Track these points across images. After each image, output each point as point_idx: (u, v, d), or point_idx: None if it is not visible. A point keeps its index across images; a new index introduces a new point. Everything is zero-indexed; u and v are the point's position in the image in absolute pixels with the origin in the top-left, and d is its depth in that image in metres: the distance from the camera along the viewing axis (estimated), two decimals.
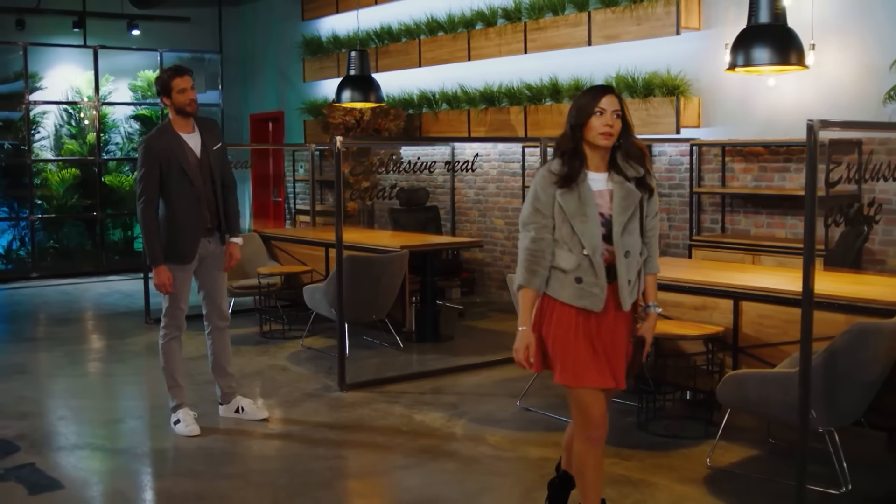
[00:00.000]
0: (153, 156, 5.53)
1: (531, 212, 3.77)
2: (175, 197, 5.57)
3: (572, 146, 3.74)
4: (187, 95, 5.60)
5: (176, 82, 5.59)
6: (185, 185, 5.57)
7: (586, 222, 3.67)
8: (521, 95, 9.99)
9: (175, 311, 5.71)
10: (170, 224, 5.59)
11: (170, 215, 5.59)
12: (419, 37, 11.21)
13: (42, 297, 11.32)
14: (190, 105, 5.62)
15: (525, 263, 3.76)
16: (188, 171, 5.58)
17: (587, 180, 3.72)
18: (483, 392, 6.62)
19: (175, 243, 5.59)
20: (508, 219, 10.55)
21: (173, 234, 5.59)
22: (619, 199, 3.73)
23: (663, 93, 8.55)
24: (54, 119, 13.53)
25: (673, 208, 8.83)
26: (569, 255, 3.70)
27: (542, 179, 3.75)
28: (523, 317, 3.79)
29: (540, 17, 9.69)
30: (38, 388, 6.93)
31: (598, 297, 3.69)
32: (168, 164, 5.54)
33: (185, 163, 5.58)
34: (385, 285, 7.68)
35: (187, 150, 5.62)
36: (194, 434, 5.64)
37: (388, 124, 10.91)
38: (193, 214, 5.62)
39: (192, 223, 5.62)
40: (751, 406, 4.86)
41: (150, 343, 8.47)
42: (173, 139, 5.60)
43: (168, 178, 5.54)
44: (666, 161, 8.88)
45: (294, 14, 13.58)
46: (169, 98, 5.62)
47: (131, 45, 13.87)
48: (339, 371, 6.69)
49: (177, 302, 5.69)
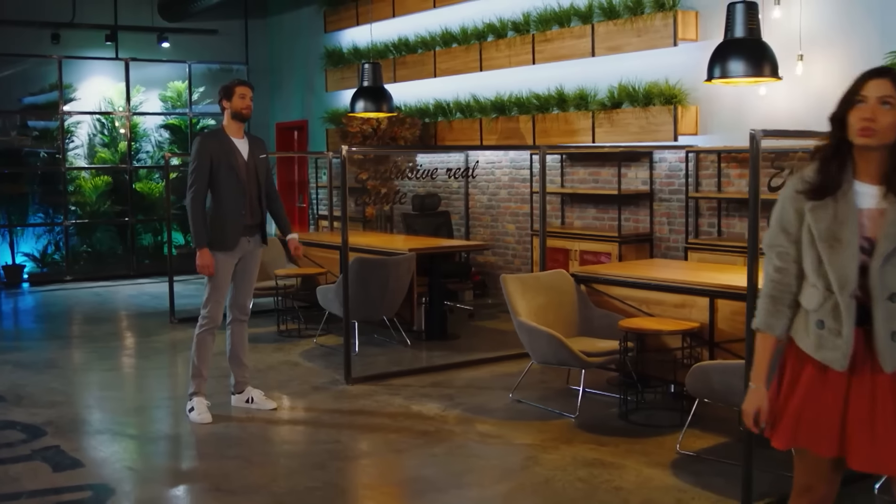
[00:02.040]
0: (206, 151, 6.10)
1: (776, 232, 3.05)
2: (223, 189, 6.13)
3: (833, 146, 2.94)
4: (246, 101, 6.21)
5: (239, 89, 6.21)
6: (232, 179, 6.13)
7: (839, 248, 2.84)
8: (530, 104, 10.39)
9: (214, 305, 6.19)
10: (216, 213, 6.14)
11: (216, 205, 6.14)
12: (434, 48, 11.65)
13: (75, 299, 11.86)
14: (247, 109, 6.22)
15: (766, 300, 3.04)
16: (236, 168, 6.15)
17: (851, 192, 2.89)
18: (480, 385, 7.02)
19: (220, 231, 6.12)
20: (519, 223, 10.94)
21: (219, 222, 6.13)
22: (891, 221, 2.83)
23: (662, 102, 8.91)
24: (88, 129, 14.11)
25: (672, 213, 9.18)
26: (812, 291, 2.93)
27: (790, 189, 3.02)
28: (757, 370, 3.05)
29: (547, 29, 10.09)
30: (67, 380, 7.42)
31: (840, 350, 2.84)
32: (219, 159, 6.11)
33: (234, 160, 6.15)
34: (393, 286, 8.10)
35: (236, 151, 6.20)
36: (206, 422, 6.08)
37: (403, 133, 11.36)
38: (238, 207, 6.15)
39: (235, 214, 6.15)
40: (716, 395, 5.23)
41: (175, 341, 8.96)
42: (225, 140, 6.19)
43: (218, 172, 6.10)
44: (666, 167, 9.23)
45: (317, 26, 14.09)
46: (229, 101, 6.19)
47: (161, 56, 14.43)
48: (345, 365, 7.11)
49: (217, 294, 6.18)
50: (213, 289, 6.18)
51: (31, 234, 13.79)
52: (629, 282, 6.52)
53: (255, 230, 6.29)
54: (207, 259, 6.05)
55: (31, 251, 13.71)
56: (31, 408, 6.50)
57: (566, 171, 10.31)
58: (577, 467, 5.12)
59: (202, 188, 6.10)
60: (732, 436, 5.62)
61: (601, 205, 9.93)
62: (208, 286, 6.20)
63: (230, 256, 6.17)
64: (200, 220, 6.08)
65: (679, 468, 5.11)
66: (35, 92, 13.78)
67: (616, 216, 9.49)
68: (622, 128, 9.30)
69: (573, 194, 10.17)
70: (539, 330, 6.12)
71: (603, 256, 9.31)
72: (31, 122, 13.84)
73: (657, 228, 9.35)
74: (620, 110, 9.34)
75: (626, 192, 9.36)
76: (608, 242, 9.27)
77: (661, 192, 9.31)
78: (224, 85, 6.32)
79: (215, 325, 6.23)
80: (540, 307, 6.57)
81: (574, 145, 9.77)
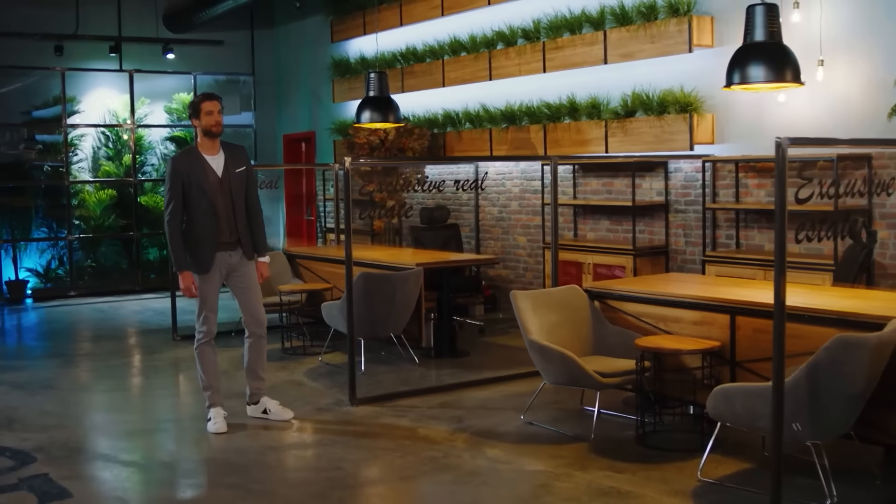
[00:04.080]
0: (177, 172, 6.11)
1: None
2: (194, 211, 6.14)
3: None
4: (214, 118, 6.15)
5: (205, 105, 6.17)
6: (203, 200, 6.11)
7: None
8: (541, 114, 10.13)
9: (205, 318, 6.23)
10: (189, 235, 6.16)
11: (189, 227, 6.16)
12: (443, 57, 11.40)
13: (78, 315, 11.63)
14: (216, 126, 6.16)
15: None
16: (206, 189, 6.12)
17: None
18: (490, 406, 6.73)
19: (194, 253, 6.15)
20: (530, 236, 10.67)
21: (192, 244, 6.15)
22: None
23: (677, 110, 8.64)
24: (92, 141, 13.89)
25: (688, 224, 8.89)
26: None
27: None
28: None
29: (558, 36, 9.83)
30: (62, 402, 7.16)
31: None
32: (189, 181, 6.09)
33: (204, 181, 6.12)
34: (400, 302, 7.83)
35: (208, 169, 6.16)
36: (221, 431, 6.10)
37: (411, 143, 11.10)
38: (209, 228, 6.14)
39: (207, 236, 6.14)
40: (739, 419, 4.93)
41: (177, 359, 8.71)
42: (196, 159, 6.16)
43: (189, 193, 6.10)
44: (681, 177, 8.94)
45: (324, 36, 13.85)
46: (198, 119, 6.17)
47: (166, 68, 14.21)
48: (350, 386, 6.84)
49: (205, 308, 6.21)
50: (200, 304, 6.23)
51: (34, 248, 13.58)
52: (645, 298, 6.23)
53: (235, 245, 6.25)
54: (188, 281, 6.13)
55: (34, 266, 13.49)
56: (22, 432, 6.24)
57: (578, 181, 10.03)
58: (593, 497, 4.82)
59: (177, 210, 6.12)
60: (757, 462, 5.33)
61: (615, 216, 9.65)
62: (197, 302, 6.23)
63: (211, 274, 6.18)
64: (178, 243, 6.12)
65: (701, 497, 4.81)
66: (38, 105, 13.57)
67: (630, 228, 9.21)
68: (636, 137, 9.02)
69: (586, 206, 9.89)
70: (552, 350, 5.84)
71: (617, 270, 9.03)
72: (35, 136, 13.62)
73: (673, 241, 9.06)
74: (634, 119, 9.07)
75: (641, 204, 9.08)
76: (622, 255, 8.98)
77: (676, 203, 9.02)
78: (191, 101, 6.34)
79: (209, 336, 6.27)
80: (552, 325, 6.29)
81: (586, 155, 9.49)
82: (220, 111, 6.20)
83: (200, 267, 6.16)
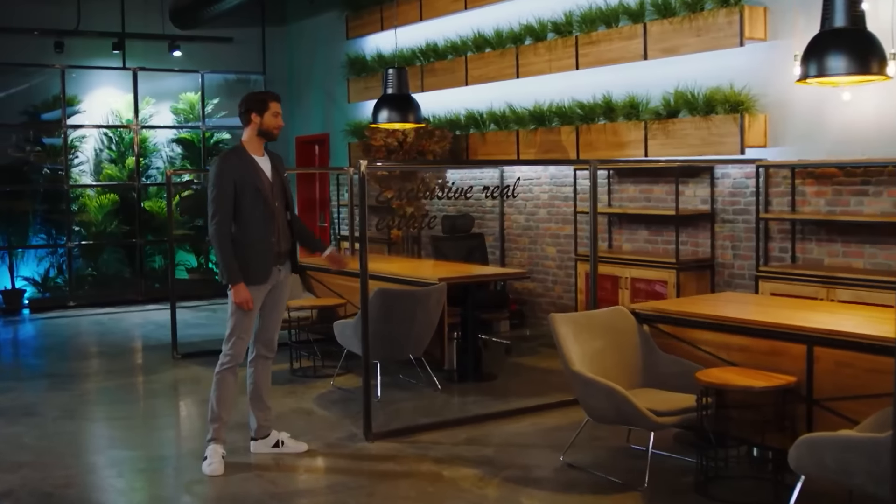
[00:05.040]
0: (228, 174, 5.42)
1: None
2: (249, 215, 5.45)
3: None
4: (279, 120, 5.60)
5: (274, 105, 5.57)
6: (258, 203, 5.46)
7: None
8: (573, 114, 9.34)
9: (238, 341, 5.52)
10: (242, 244, 5.45)
11: (243, 234, 5.46)
12: (466, 54, 10.63)
13: (75, 328, 10.90)
14: (278, 129, 5.63)
15: None
16: (262, 191, 5.48)
17: None
18: (524, 442, 5.95)
19: (249, 263, 5.45)
20: (560, 246, 9.87)
21: (247, 253, 5.45)
22: None
23: (726, 109, 7.84)
24: (93, 143, 13.17)
25: (737, 236, 8.09)
26: None
27: None
28: None
29: (592, 30, 9.04)
30: (43, 434, 6.39)
31: None
32: (243, 182, 5.44)
33: (259, 183, 5.48)
34: (421, 321, 7.06)
35: (260, 170, 5.55)
36: (217, 473, 5.36)
37: (432, 146, 10.32)
38: (267, 234, 5.50)
39: (265, 242, 5.50)
40: (828, 473, 4.12)
41: (175, 381, 7.97)
42: (247, 158, 5.52)
43: (242, 196, 5.43)
44: (729, 184, 8.15)
45: (339, 33, 13.09)
46: (260, 116, 5.52)
47: (172, 66, 13.48)
48: (365, 418, 6.06)
49: (242, 329, 5.50)
50: (237, 323, 5.49)
51: (32, 256, 12.84)
52: (705, 323, 5.43)
53: (285, 257, 5.65)
54: (245, 294, 5.40)
55: (31, 275, 12.76)
56: None
57: (614, 188, 9.23)
58: None
59: (226, 217, 5.42)
60: None
61: (654, 226, 8.85)
62: (231, 320, 5.49)
63: (261, 289, 5.53)
64: (230, 254, 5.40)
65: None
66: (37, 104, 12.83)
67: (671, 239, 8.43)
68: (679, 139, 8.23)
69: (622, 214, 9.09)
70: (598, 383, 5.05)
71: (658, 285, 8.23)
72: (33, 137, 12.88)
73: (719, 253, 8.26)
74: (677, 120, 8.27)
75: (685, 213, 8.28)
76: (664, 269, 8.18)
77: (723, 213, 8.22)
78: (255, 95, 5.65)
79: (237, 362, 5.56)
80: (596, 353, 5.50)
81: (630, 159, 8.68)
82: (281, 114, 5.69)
83: (256, 277, 5.46)
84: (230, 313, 5.50)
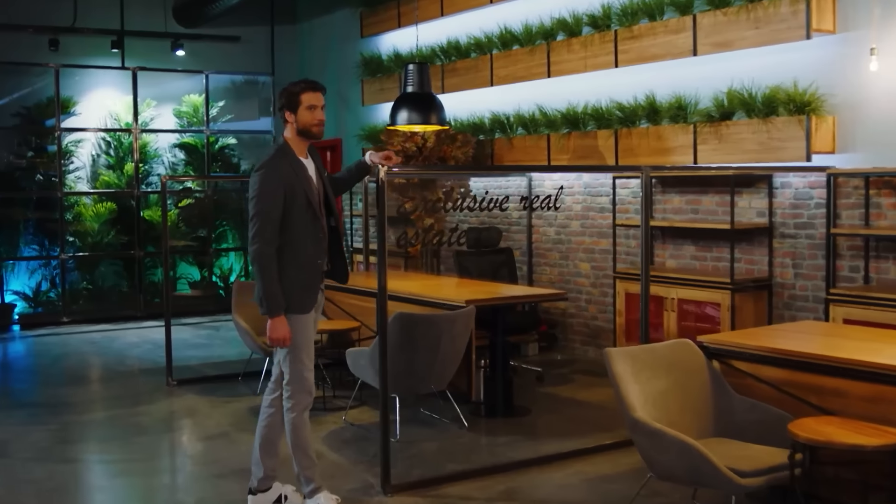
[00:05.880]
0: (278, 181, 4.55)
1: None
2: (296, 231, 4.62)
3: None
4: (316, 115, 4.68)
5: (307, 97, 4.66)
6: (307, 217, 4.64)
7: None
8: (611, 117, 8.45)
9: (302, 374, 4.69)
10: (291, 264, 4.63)
11: (291, 253, 4.63)
12: (491, 51, 9.75)
13: (64, 348, 10.04)
14: (317, 127, 4.71)
15: None
16: (313, 201, 4.66)
17: None
18: (571, 498, 5.05)
19: (297, 289, 4.64)
20: (595, 262, 8.98)
21: (292, 277, 4.62)
22: None
23: (789, 111, 6.95)
24: (90, 148, 12.33)
25: (799, 252, 7.20)
26: None
27: None
28: None
29: (634, 23, 8.16)
30: (8, 481, 5.50)
31: None
32: (293, 192, 4.58)
33: (310, 192, 4.65)
34: (446, 350, 6.17)
35: (308, 176, 4.70)
36: None
37: (454, 152, 9.43)
38: (317, 251, 4.73)
39: (315, 264, 4.72)
40: None
41: (169, 414, 7.11)
42: (296, 163, 4.67)
43: (291, 208, 4.59)
44: (790, 194, 7.26)
45: (353, 31, 12.23)
46: (293, 114, 4.67)
47: (175, 66, 12.63)
48: (383, 468, 5.17)
49: (301, 362, 4.67)
50: (295, 353, 4.65)
51: (23, 268, 11.99)
52: (793, 362, 4.54)
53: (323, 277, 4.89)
54: (285, 330, 4.56)
55: (22, 289, 11.89)
56: None
57: (656, 198, 8.35)
58: None
59: (274, 235, 4.55)
60: None
61: (702, 241, 7.95)
62: (289, 355, 4.66)
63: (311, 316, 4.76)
64: (275, 280, 4.54)
65: None
66: (30, 106, 12.00)
67: (722, 255, 7.59)
68: (734, 144, 7.34)
69: (666, 228, 8.19)
70: (667, 436, 4.15)
71: (709, 307, 7.34)
72: (26, 141, 12.04)
73: (778, 272, 7.37)
74: (731, 122, 7.38)
75: (740, 227, 7.38)
76: (716, 290, 7.29)
77: (783, 226, 7.32)
78: (286, 88, 4.76)
79: (311, 397, 4.77)
80: (659, 395, 4.60)
81: (684, 166, 7.77)
82: (323, 106, 4.73)
83: (304, 305, 4.66)
84: (284, 353, 4.66)
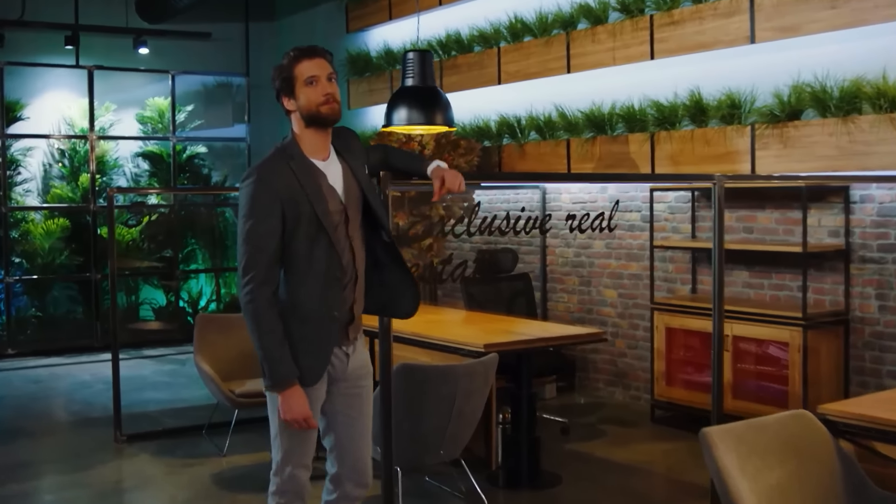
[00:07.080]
0: (271, 198, 3.22)
1: None
2: (302, 270, 3.28)
3: None
4: (322, 88, 3.32)
5: (302, 67, 3.35)
6: (318, 248, 3.27)
7: None
8: (646, 118, 7.14)
9: (294, 469, 3.39)
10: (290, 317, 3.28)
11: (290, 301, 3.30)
12: (498, 44, 8.43)
13: (2, 388, 8.62)
14: (326, 105, 3.31)
15: None
16: (326, 225, 3.27)
17: None
18: None
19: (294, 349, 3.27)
20: (623, 289, 7.66)
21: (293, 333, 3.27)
22: None
23: (877, 109, 5.67)
24: (41, 157, 10.95)
25: (885, 281, 5.91)
26: None
27: None
28: None
29: (673, 7, 6.87)
30: None
31: None
32: (295, 212, 3.24)
33: (320, 208, 3.27)
34: (460, 409, 4.83)
35: (325, 186, 3.33)
36: None
37: (457, 160, 8.08)
38: (331, 301, 3.31)
39: (325, 317, 3.31)
40: None
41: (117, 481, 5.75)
42: (303, 169, 3.30)
43: (294, 236, 3.25)
44: (872, 210, 5.98)
45: (337, 26, 10.88)
46: (292, 97, 3.36)
47: (138, 65, 11.27)
48: None
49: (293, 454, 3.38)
50: (289, 445, 3.37)
51: None
52: None
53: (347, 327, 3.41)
54: (301, 407, 3.24)
55: None
56: None
57: (699, 214, 7.05)
58: None
59: (271, 274, 3.23)
60: None
61: (757, 266, 6.66)
62: (279, 440, 3.37)
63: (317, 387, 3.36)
64: (277, 336, 3.22)
65: None
66: None
67: (782, 283, 6.36)
68: (805, 150, 6.04)
69: None
70: None
71: (773, 347, 6.05)
72: None
73: (858, 304, 6.08)
74: (800, 123, 6.09)
75: (812, 249, 6.08)
76: (784, 326, 5.99)
77: (863, 249, 6.04)
78: (275, 68, 3.45)
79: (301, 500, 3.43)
80: (775, 490, 3.27)
81: (747, 175, 6.43)
82: (331, 76, 3.37)
83: (311, 374, 3.31)
84: (275, 431, 3.36)
